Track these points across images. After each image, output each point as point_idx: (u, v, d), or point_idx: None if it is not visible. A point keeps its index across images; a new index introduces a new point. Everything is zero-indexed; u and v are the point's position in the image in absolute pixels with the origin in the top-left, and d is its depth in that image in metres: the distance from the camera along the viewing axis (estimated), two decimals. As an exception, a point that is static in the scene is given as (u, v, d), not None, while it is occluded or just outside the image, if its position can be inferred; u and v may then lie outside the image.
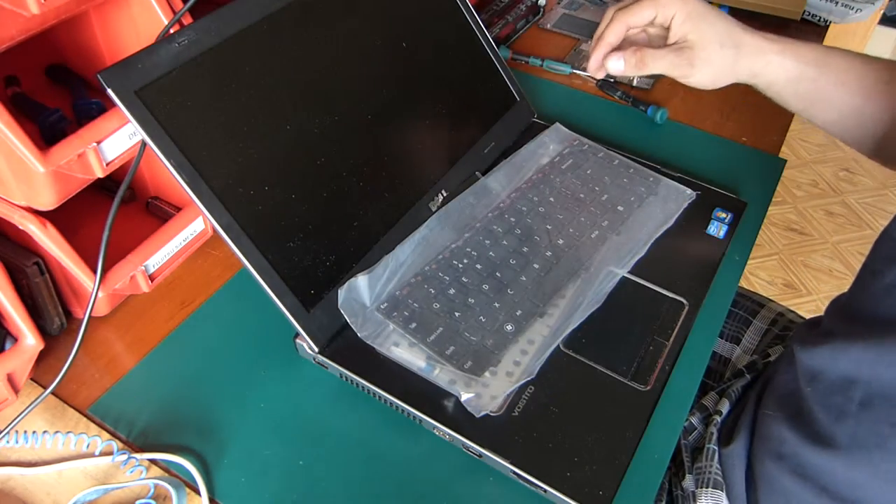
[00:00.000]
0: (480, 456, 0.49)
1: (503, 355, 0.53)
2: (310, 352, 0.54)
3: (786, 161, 0.77)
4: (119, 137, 0.53)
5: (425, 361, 0.52)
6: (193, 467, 0.49)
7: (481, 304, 0.56)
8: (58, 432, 0.52)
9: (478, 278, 0.58)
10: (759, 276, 1.75)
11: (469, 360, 0.52)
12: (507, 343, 0.54)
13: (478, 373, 0.52)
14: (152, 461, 0.51)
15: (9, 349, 0.52)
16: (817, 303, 1.69)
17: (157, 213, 0.67)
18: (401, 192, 0.61)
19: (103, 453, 0.51)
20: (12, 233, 0.55)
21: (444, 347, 0.53)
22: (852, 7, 0.99)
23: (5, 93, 0.64)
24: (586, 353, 0.54)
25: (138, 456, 0.50)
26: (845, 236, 1.85)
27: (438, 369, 0.52)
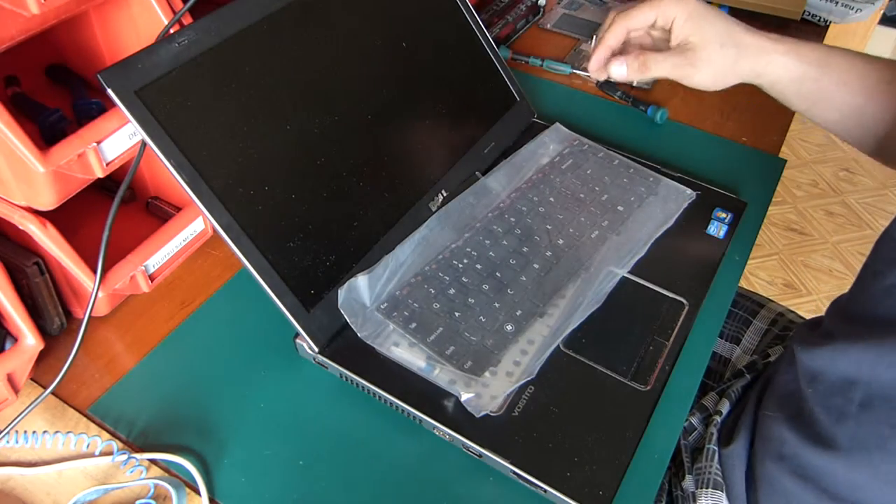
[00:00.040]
0: (480, 456, 0.49)
1: (503, 355, 0.53)
2: (310, 352, 0.54)
3: (786, 161, 0.77)
4: (119, 137, 0.53)
5: (425, 361, 0.52)
6: (193, 467, 0.49)
7: (481, 304, 0.56)
8: (58, 432, 0.52)
9: (478, 278, 0.58)
10: (759, 276, 1.75)
11: (469, 360, 0.52)
12: (507, 343, 0.54)
13: (478, 373, 0.52)
14: (152, 461, 0.51)
15: (9, 349, 0.52)
16: (817, 303, 1.69)
17: (157, 213, 0.67)
18: (401, 192, 0.61)
19: (103, 453, 0.51)
20: (12, 233, 0.55)
21: (444, 347, 0.53)
22: (852, 7, 0.99)
23: (5, 93, 0.64)
24: (586, 353, 0.54)
25: (138, 456, 0.50)
26: (845, 236, 1.85)
27: (438, 369, 0.52)
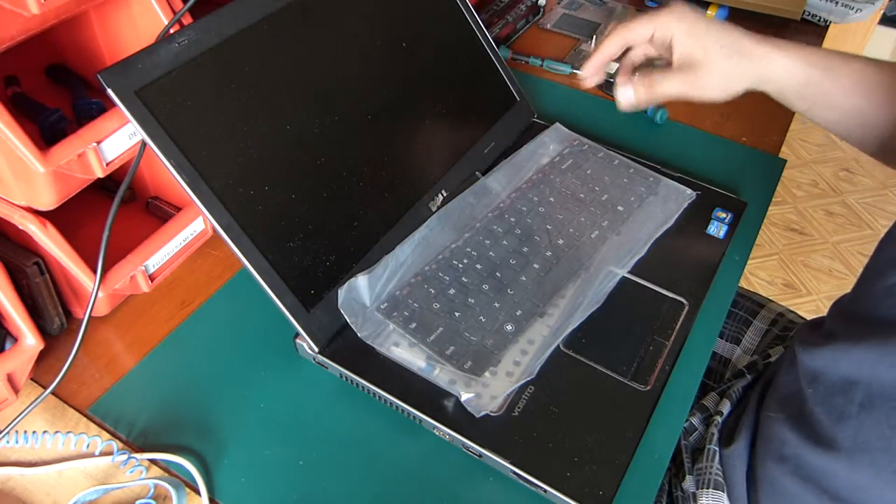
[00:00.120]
0: (480, 456, 0.49)
1: (503, 355, 0.53)
2: (310, 352, 0.54)
3: (786, 161, 0.77)
4: (119, 137, 0.53)
5: (425, 361, 0.52)
6: (193, 467, 0.49)
7: (481, 304, 0.56)
8: (58, 432, 0.52)
9: (478, 278, 0.58)
10: (759, 276, 1.75)
11: (469, 360, 0.52)
12: (507, 343, 0.54)
13: (478, 373, 0.52)
14: (152, 461, 0.51)
15: (9, 349, 0.52)
16: (817, 303, 1.69)
17: (157, 213, 0.67)
18: (401, 192, 0.61)
19: (103, 453, 0.51)
20: (12, 233, 0.55)
21: (444, 347, 0.53)
22: (852, 7, 0.99)
23: (5, 93, 0.64)
24: (586, 353, 0.54)
25: (138, 456, 0.50)
26: (845, 236, 1.85)
27: (438, 369, 0.52)
